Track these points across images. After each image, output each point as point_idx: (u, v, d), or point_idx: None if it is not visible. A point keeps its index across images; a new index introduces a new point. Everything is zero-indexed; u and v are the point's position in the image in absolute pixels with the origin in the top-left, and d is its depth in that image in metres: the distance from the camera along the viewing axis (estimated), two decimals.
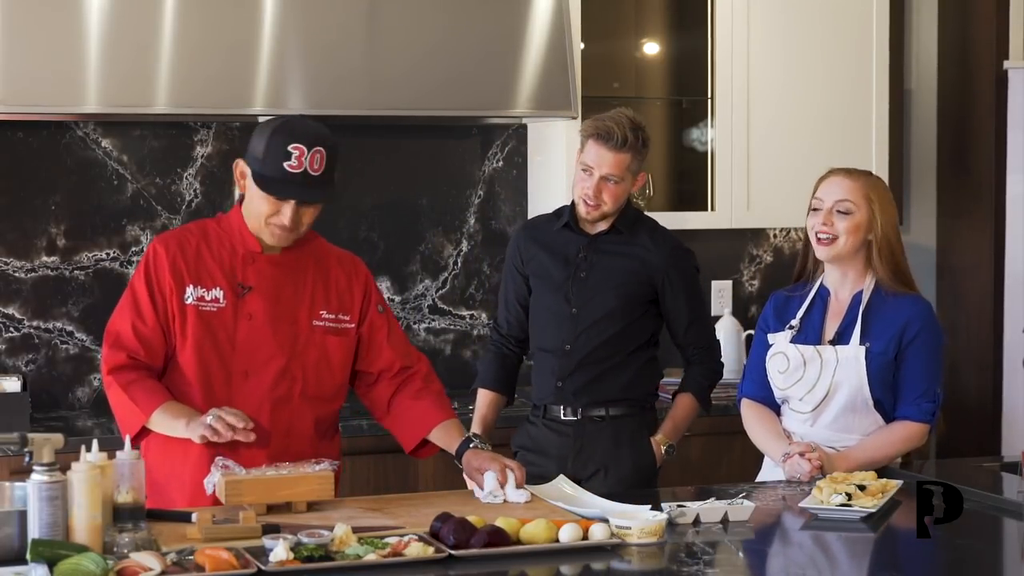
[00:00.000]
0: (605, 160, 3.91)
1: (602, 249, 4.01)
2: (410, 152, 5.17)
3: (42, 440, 2.95)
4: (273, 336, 3.48)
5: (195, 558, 2.82)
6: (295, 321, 3.51)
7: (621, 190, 3.94)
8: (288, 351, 3.49)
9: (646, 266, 3.99)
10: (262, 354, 3.48)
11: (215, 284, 3.47)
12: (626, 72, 5.44)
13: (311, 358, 3.53)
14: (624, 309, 3.98)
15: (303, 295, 3.53)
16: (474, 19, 4.80)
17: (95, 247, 4.82)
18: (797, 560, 3.09)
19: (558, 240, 4.05)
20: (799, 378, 3.75)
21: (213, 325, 3.46)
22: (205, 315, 3.45)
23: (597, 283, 3.98)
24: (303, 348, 3.51)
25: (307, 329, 3.52)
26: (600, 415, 3.99)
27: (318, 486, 3.32)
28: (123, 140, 4.84)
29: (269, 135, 3.39)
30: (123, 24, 4.42)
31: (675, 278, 4.01)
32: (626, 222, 4.02)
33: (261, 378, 3.47)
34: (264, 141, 3.39)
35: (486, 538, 2.93)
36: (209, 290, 3.46)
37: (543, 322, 4.05)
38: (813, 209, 3.77)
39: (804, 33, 5.26)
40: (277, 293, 3.50)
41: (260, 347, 3.47)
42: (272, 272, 3.50)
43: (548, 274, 4.03)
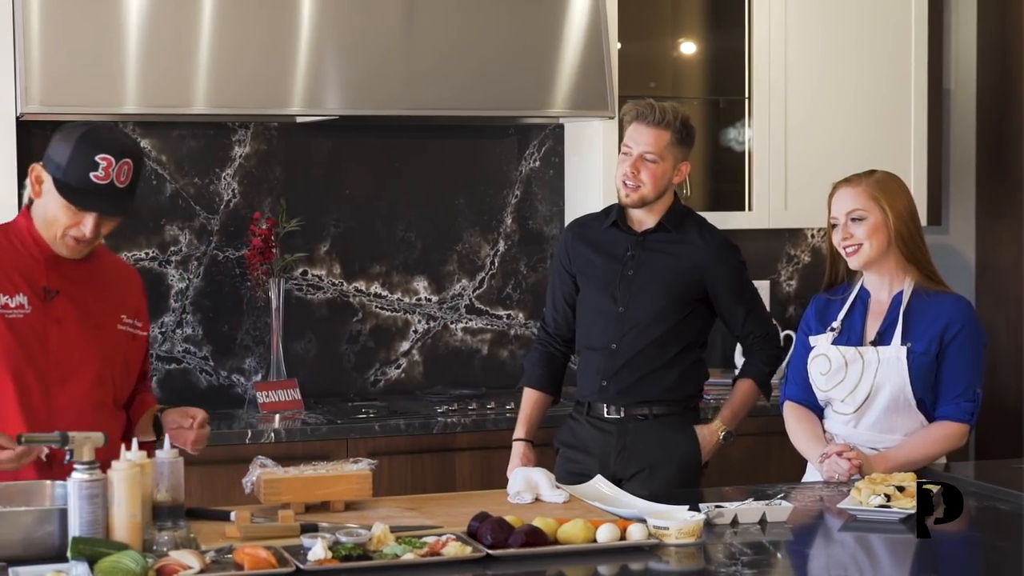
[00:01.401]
0: (642, 137, 3.91)
1: (650, 247, 4.00)
2: (447, 152, 5.18)
3: (82, 439, 2.97)
4: (85, 341, 3.34)
5: (234, 557, 2.83)
6: (101, 325, 3.38)
7: (660, 171, 3.92)
8: (100, 356, 3.36)
9: (695, 263, 3.98)
10: (75, 359, 3.32)
11: (17, 290, 3.29)
12: (663, 72, 5.43)
13: (119, 363, 3.42)
14: (671, 308, 3.97)
15: (106, 298, 3.41)
16: (511, 19, 4.81)
17: (134, 247, 4.84)
18: (836, 561, 3.08)
19: (606, 238, 4.04)
20: (841, 379, 3.73)
21: (22, 332, 3.27)
22: (12, 322, 3.27)
23: (645, 281, 3.97)
24: (112, 353, 3.39)
25: (113, 334, 3.40)
26: (644, 414, 3.98)
27: (356, 485, 3.32)
28: (162, 140, 4.86)
29: (75, 142, 3.23)
30: (162, 25, 4.44)
31: (724, 274, 4.00)
32: (674, 219, 4.01)
33: (78, 384, 3.32)
34: (69, 148, 3.23)
35: (523, 538, 2.93)
36: (12, 296, 3.28)
37: (589, 321, 4.05)
38: (832, 226, 3.79)
39: (842, 32, 5.24)
40: (82, 297, 3.36)
41: (73, 352, 3.32)
42: (75, 275, 3.36)
43: (595, 272, 4.03)
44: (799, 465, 3.93)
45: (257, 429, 4.42)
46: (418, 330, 5.16)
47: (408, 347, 5.15)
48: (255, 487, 3.31)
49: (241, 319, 4.96)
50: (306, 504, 3.28)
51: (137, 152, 3.31)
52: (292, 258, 4.89)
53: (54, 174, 3.24)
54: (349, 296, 5.08)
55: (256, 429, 4.42)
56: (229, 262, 4.94)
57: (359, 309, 5.09)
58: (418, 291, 5.15)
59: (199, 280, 4.92)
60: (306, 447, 4.40)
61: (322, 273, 5.04)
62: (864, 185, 3.75)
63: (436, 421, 4.58)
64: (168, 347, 4.88)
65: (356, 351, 5.09)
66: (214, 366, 4.93)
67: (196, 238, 4.90)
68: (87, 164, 3.21)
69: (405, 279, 5.14)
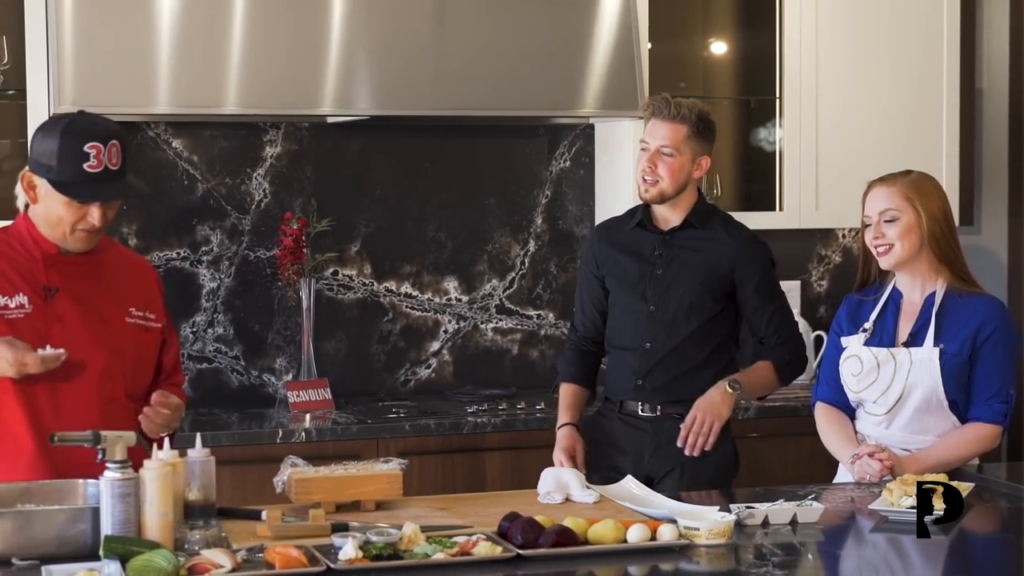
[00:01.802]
0: (659, 131, 3.91)
1: (677, 244, 3.99)
2: (477, 152, 5.18)
3: (115, 437, 2.98)
4: (89, 336, 3.33)
5: (265, 556, 2.84)
6: (107, 319, 3.37)
7: (678, 165, 3.91)
8: (107, 349, 3.35)
9: (721, 258, 3.97)
10: (81, 355, 3.30)
11: (16, 291, 3.29)
12: (693, 72, 5.43)
13: (129, 356, 3.40)
14: (702, 304, 3.96)
15: (110, 294, 3.40)
16: (542, 19, 4.80)
17: (166, 247, 4.86)
18: (867, 562, 3.07)
19: (632, 239, 4.04)
20: (873, 380, 3.72)
21: (23, 332, 3.26)
22: (13, 323, 3.27)
23: (673, 279, 3.97)
24: (120, 346, 3.38)
25: (121, 327, 3.39)
26: (679, 413, 3.97)
27: (387, 485, 3.33)
28: (193, 141, 4.88)
29: (59, 139, 3.22)
30: (193, 26, 4.46)
31: (753, 267, 3.99)
32: (699, 216, 4.01)
33: (85, 380, 3.32)
34: (55, 146, 3.22)
35: (554, 538, 2.93)
36: (12, 297, 3.29)
37: (621, 321, 4.04)
38: (865, 225, 3.78)
39: (873, 31, 5.22)
40: (84, 293, 3.36)
41: (78, 348, 3.29)
42: (75, 272, 3.35)
43: (624, 274, 4.02)
44: (830, 466, 3.92)
45: (288, 429, 4.43)
46: (448, 330, 5.16)
47: (438, 347, 5.15)
48: (286, 486, 3.32)
49: (272, 319, 4.97)
50: (337, 503, 3.28)
51: (120, 132, 3.30)
52: (323, 258, 4.91)
53: (47, 176, 3.25)
54: (379, 296, 5.09)
55: (287, 429, 4.43)
56: (260, 262, 4.95)
57: (389, 309, 5.10)
58: (448, 291, 5.16)
59: (230, 280, 4.93)
60: (336, 447, 4.41)
61: (353, 273, 5.05)
62: (899, 185, 3.74)
63: (466, 421, 4.58)
64: (199, 347, 4.89)
65: (386, 351, 5.10)
66: (245, 366, 4.95)
67: (227, 238, 4.92)
68: (78, 157, 3.22)
69: (435, 279, 5.14)
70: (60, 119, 3.31)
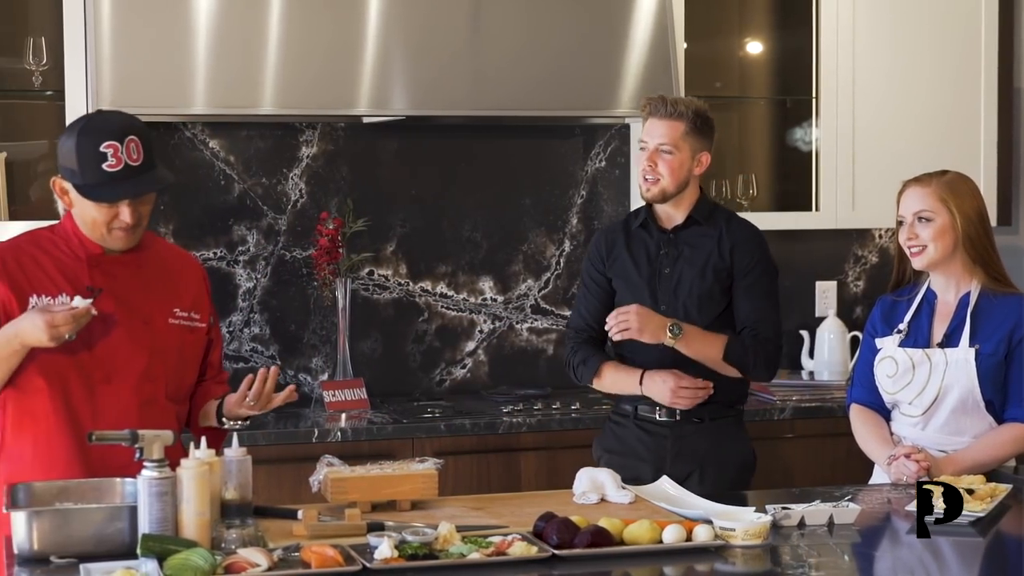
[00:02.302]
0: (657, 130, 3.90)
1: (682, 242, 3.97)
2: (513, 152, 5.19)
3: (152, 436, 2.99)
4: (130, 337, 3.32)
5: (301, 555, 2.85)
6: (149, 320, 3.36)
7: (677, 162, 3.89)
8: (148, 351, 3.34)
9: (724, 250, 3.95)
10: (121, 356, 3.31)
11: (59, 291, 3.28)
12: (729, 71, 5.42)
13: (171, 358, 3.39)
14: (711, 297, 3.93)
15: (154, 294, 3.39)
16: (577, 19, 4.80)
17: (203, 246, 4.88)
18: (904, 564, 3.06)
19: (637, 240, 4.02)
20: (908, 382, 3.71)
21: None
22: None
23: (681, 276, 3.95)
24: (162, 347, 3.37)
25: (164, 328, 3.38)
26: (699, 417, 3.95)
27: (422, 485, 3.33)
28: (230, 141, 4.90)
29: (76, 142, 3.22)
30: (230, 27, 4.48)
31: (748, 258, 3.95)
32: (702, 213, 3.98)
33: (124, 381, 3.31)
34: (73, 150, 3.22)
35: (589, 538, 2.93)
36: (54, 297, 3.27)
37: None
38: (899, 225, 3.77)
39: (910, 30, 5.20)
40: (127, 293, 3.34)
41: (118, 350, 3.31)
42: (119, 273, 3.35)
43: (631, 275, 3.99)
44: (866, 467, 3.91)
45: (324, 428, 4.44)
46: (483, 330, 5.17)
47: (473, 347, 5.16)
48: (322, 486, 3.33)
49: (308, 319, 4.98)
50: (372, 503, 3.29)
51: (137, 126, 3.27)
52: (359, 258, 4.92)
53: (72, 181, 3.25)
54: (415, 296, 5.09)
55: (323, 428, 4.44)
56: (296, 262, 4.97)
57: (425, 309, 5.11)
58: (484, 291, 5.16)
59: (266, 280, 4.95)
60: (372, 446, 4.42)
61: (388, 273, 5.06)
62: (934, 186, 3.72)
63: (501, 421, 4.58)
64: (236, 346, 4.91)
65: (422, 351, 5.11)
66: (281, 365, 4.96)
67: (264, 238, 4.94)
68: (96, 158, 3.20)
69: (471, 279, 5.15)
70: (77, 122, 3.31)
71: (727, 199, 5.21)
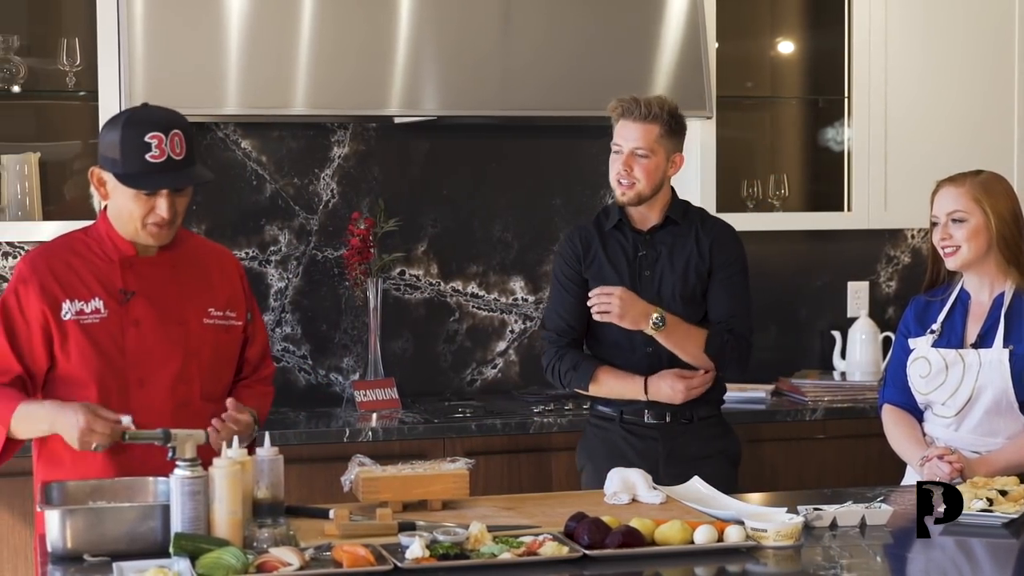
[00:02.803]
0: (631, 133, 3.85)
1: (659, 242, 3.94)
2: (544, 152, 5.19)
3: (184, 436, 3.01)
4: (164, 339, 3.32)
5: (332, 554, 2.85)
6: (184, 321, 3.36)
7: (653, 165, 3.86)
8: (182, 353, 3.34)
9: (702, 251, 3.93)
10: (155, 359, 3.31)
11: (93, 295, 3.29)
12: (761, 71, 5.41)
13: (206, 358, 3.38)
14: (694, 297, 3.91)
15: (188, 294, 3.39)
16: (608, 19, 4.80)
17: (235, 246, 4.89)
18: (937, 565, 3.04)
19: (612, 241, 3.97)
20: (941, 382, 3.70)
21: (98, 337, 3.28)
22: (88, 328, 3.28)
23: (662, 278, 3.92)
24: (197, 348, 3.36)
25: (198, 329, 3.38)
26: (687, 417, 3.93)
27: (453, 485, 3.33)
28: (262, 141, 4.92)
29: (121, 131, 3.21)
30: (262, 28, 4.49)
31: (724, 254, 3.93)
32: (678, 212, 3.96)
33: (158, 384, 3.31)
34: (117, 139, 3.21)
35: (620, 538, 2.93)
36: (87, 302, 3.28)
37: (615, 328, 3.88)
38: (933, 225, 3.75)
39: (943, 30, 5.18)
40: (161, 295, 3.34)
41: (152, 352, 3.31)
42: (152, 274, 3.35)
43: (610, 278, 3.92)
44: (898, 468, 3.89)
45: (355, 428, 4.45)
46: (514, 330, 5.17)
47: (505, 347, 5.16)
48: (353, 485, 3.34)
49: (339, 318, 4.99)
50: (404, 503, 3.30)
51: (182, 122, 3.28)
52: (390, 258, 4.92)
53: (113, 170, 3.24)
54: (446, 296, 5.10)
55: (354, 428, 4.45)
56: (328, 262, 4.98)
57: (456, 309, 5.11)
58: (515, 291, 5.17)
59: (298, 280, 4.96)
60: (403, 446, 4.43)
61: (419, 273, 5.07)
62: (968, 186, 3.71)
63: (532, 421, 4.58)
64: None
65: (453, 351, 5.11)
66: (312, 365, 4.98)
67: (295, 238, 4.95)
68: (140, 147, 3.20)
69: (502, 279, 5.15)
70: (123, 113, 3.32)
71: (758, 199, 5.20)
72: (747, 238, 5.15)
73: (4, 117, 4.72)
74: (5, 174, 4.54)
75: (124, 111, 3.35)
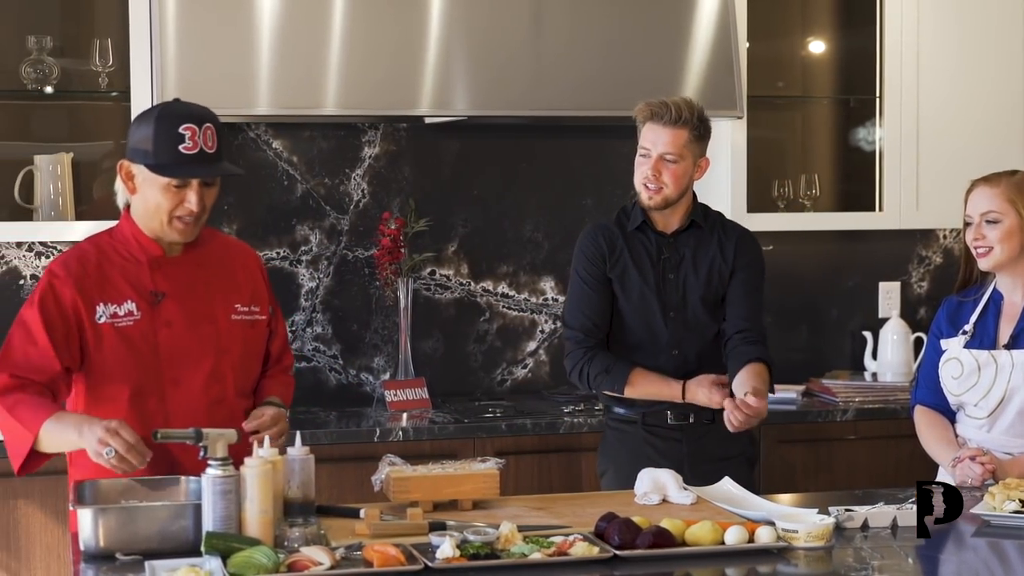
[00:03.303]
0: (660, 138, 3.82)
1: (683, 245, 3.93)
2: (574, 152, 5.19)
3: (216, 435, 3.01)
4: (196, 339, 3.33)
5: (363, 554, 2.86)
6: (214, 319, 3.37)
7: (681, 170, 3.84)
8: (214, 351, 3.35)
9: (725, 254, 3.91)
10: (189, 359, 3.32)
11: (125, 298, 3.29)
12: (792, 71, 5.40)
13: (236, 354, 3.40)
14: (717, 303, 3.90)
15: (215, 292, 3.39)
16: (639, 19, 4.80)
17: (265, 246, 4.91)
18: (968, 567, 3.04)
19: (635, 243, 3.94)
20: (973, 383, 3.68)
21: (133, 339, 3.28)
22: (122, 331, 3.28)
23: (687, 280, 3.90)
24: (227, 345, 3.38)
25: (227, 326, 3.39)
26: (709, 418, 3.90)
27: (484, 484, 3.34)
28: (293, 141, 4.93)
29: (154, 123, 3.23)
30: (293, 29, 4.50)
31: (745, 258, 3.92)
32: (699, 215, 3.94)
33: (192, 383, 3.32)
34: (150, 130, 3.23)
35: (651, 539, 2.93)
36: (120, 305, 3.28)
37: (640, 329, 3.90)
38: (966, 224, 3.73)
39: (975, 29, 5.15)
40: (189, 294, 3.35)
41: (185, 352, 3.32)
42: (180, 274, 3.35)
43: (634, 280, 3.91)
44: (930, 469, 3.88)
45: (385, 427, 4.46)
46: (545, 330, 5.17)
47: (535, 347, 5.16)
48: (384, 485, 3.34)
49: (370, 318, 5.00)
50: (434, 502, 3.30)
51: (212, 116, 3.30)
52: (420, 258, 4.93)
53: (145, 162, 3.24)
54: (476, 296, 5.10)
55: (384, 427, 4.46)
56: (358, 262, 4.99)
57: (486, 309, 5.12)
58: (545, 291, 5.17)
59: (329, 279, 4.97)
60: (433, 446, 4.43)
61: (450, 273, 5.07)
62: (1003, 186, 3.69)
63: (562, 421, 4.58)
64: (298, 346, 4.94)
65: (483, 351, 5.12)
66: (343, 365, 4.99)
67: (326, 238, 4.96)
68: (173, 138, 3.21)
69: (532, 279, 5.15)
70: (155, 107, 3.33)
71: (789, 199, 5.19)
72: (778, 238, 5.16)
73: (37, 118, 4.75)
74: (38, 174, 4.57)
75: (155, 105, 3.36)
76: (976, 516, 3.26)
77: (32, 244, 4.69)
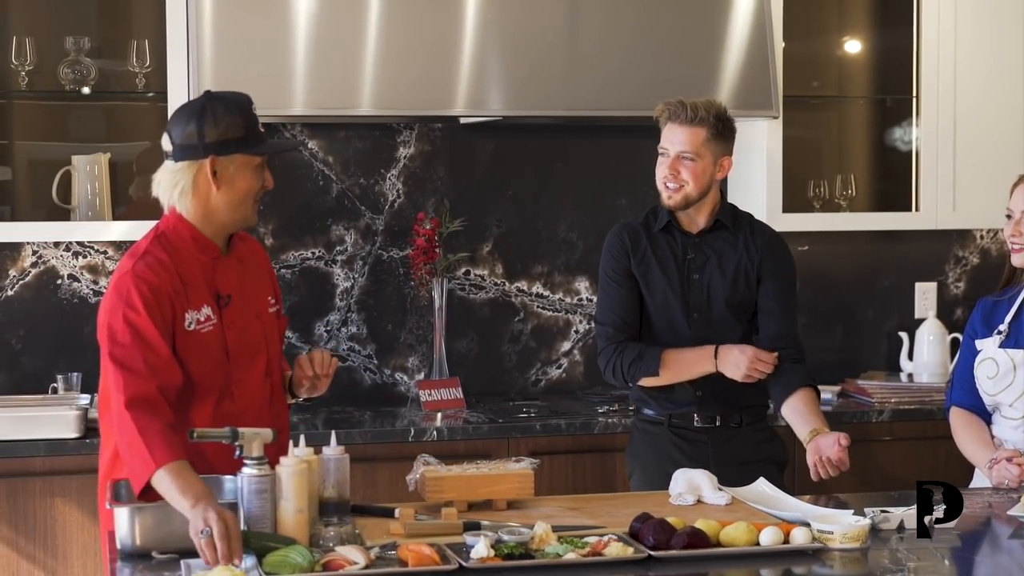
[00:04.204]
0: (678, 136, 3.82)
1: (708, 246, 3.91)
2: (609, 152, 5.18)
3: (252, 434, 3.02)
4: (252, 337, 3.35)
5: (398, 553, 2.87)
6: (260, 316, 3.40)
7: (700, 168, 3.82)
8: (265, 346, 3.38)
9: (752, 257, 3.89)
10: (248, 357, 3.34)
11: (202, 303, 3.27)
12: (828, 70, 5.38)
13: (276, 348, 3.45)
14: (742, 302, 3.88)
15: (256, 288, 3.42)
16: (675, 18, 4.79)
17: (301, 246, 4.92)
18: (1004, 569, 3.02)
19: (660, 243, 3.93)
20: (1009, 383, 3.66)
21: (210, 344, 3.27)
22: (204, 336, 3.26)
23: (712, 281, 3.88)
24: (272, 340, 3.42)
25: (269, 320, 3.43)
26: (736, 422, 3.90)
27: (518, 484, 3.34)
28: (328, 141, 4.94)
29: (240, 113, 3.25)
30: (329, 29, 4.52)
31: (775, 264, 3.90)
32: (727, 216, 3.92)
33: (252, 382, 3.34)
34: (240, 120, 3.25)
35: (686, 539, 2.93)
36: (199, 310, 3.26)
37: (665, 331, 3.89)
38: (1007, 217, 3.71)
39: (1013, 28, 5.13)
40: (240, 292, 3.36)
41: (246, 350, 3.34)
42: (232, 273, 3.36)
43: (658, 279, 3.90)
44: (966, 471, 3.86)
45: (420, 427, 4.47)
46: (579, 330, 5.17)
47: (569, 347, 5.16)
48: (419, 484, 3.35)
49: (405, 318, 5.01)
50: (469, 502, 3.31)
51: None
52: (455, 258, 4.94)
53: (240, 150, 3.24)
54: (511, 296, 5.11)
55: (419, 427, 4.47)
56: (393, 262, 5.00)
57: (521, 309, 5.12)
58: (579, 291, 5.17)
59: (364, 279, 4.98)
60: (468, 446, 4.44)
61: (484, 273, 5.08)
62: None
63: (597, 421, 4.58)
64: (333, 345, 4.95)
65: (517, 351, 5.12)
66: (378, 364, 5.00)
67: (361, 238, 4.97)
68: (254, 120, 3.29)
69: (567, 279, 5.15)
70: (231, 102, 3.28)
71: (825, 199, 5.17)
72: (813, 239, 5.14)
73: (75, 118, 4.78)
74: (76, 174, 4.59)
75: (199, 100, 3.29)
76: (1012, 518, 3.25)
77: (70, 244, 4.72)
